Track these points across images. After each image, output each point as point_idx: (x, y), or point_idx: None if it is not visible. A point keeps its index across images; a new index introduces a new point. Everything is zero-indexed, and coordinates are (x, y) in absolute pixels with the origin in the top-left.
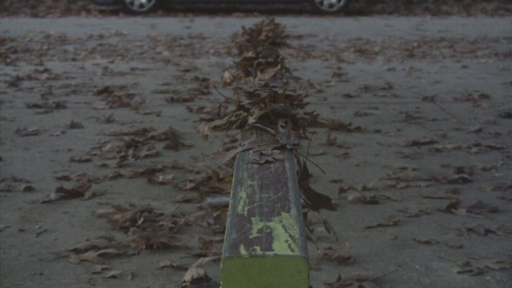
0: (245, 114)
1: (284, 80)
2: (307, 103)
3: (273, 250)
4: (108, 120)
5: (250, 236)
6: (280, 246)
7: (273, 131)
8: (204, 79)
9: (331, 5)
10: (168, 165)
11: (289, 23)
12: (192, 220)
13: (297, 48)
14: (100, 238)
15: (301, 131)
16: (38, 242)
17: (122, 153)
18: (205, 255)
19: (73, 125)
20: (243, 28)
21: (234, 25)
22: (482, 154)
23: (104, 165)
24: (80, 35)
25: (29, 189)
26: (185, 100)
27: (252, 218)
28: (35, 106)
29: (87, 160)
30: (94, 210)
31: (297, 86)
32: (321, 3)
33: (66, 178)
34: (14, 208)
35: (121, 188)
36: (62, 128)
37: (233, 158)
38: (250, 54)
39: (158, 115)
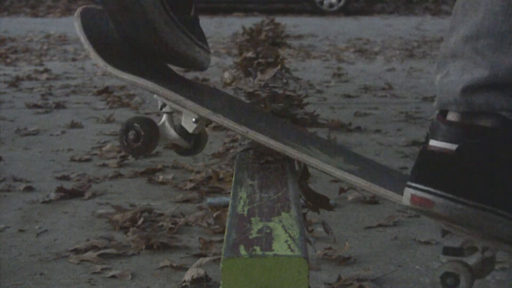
0: None
1: (284, 81)
2: (307, 104)
3: (273, 250)
4: (108, 120)
5: (250, 237)
6: (280, 246)
7: None
8: (204, 79)
9: (331, 5)
10: (168, 165)
11: (289, 23)
12: (192, 220)
13: (297, 48)
14: (100, 238)
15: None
16: (38, 242)
17: (122, 153)
18: (205, 255)
19: (73, 125)
20: (243, 28)
21: (234, 25)
22: None
23: (104, 165)
24: None
25: (29, 189)
26: None
27: (252, 218)
28: (35, 106)
29: (87, 160)
30: (94, 210)
31: (297, 87)
32: (321, 3)
33: (66, 178)
34: (14, 208)
35: (121, 188)
36: (62, 128)
37: (233, 158)
38: (250, 54)
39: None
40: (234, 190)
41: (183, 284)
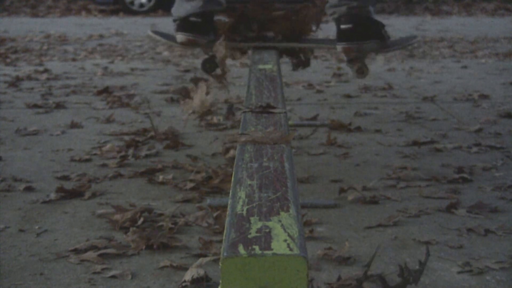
0: None
1: None
2: None
3: (272, 249)
4: (108, 120)
5: (249, 236)
6: (279, 246)
7: None
8: (204, 79)
9: None
10: (168, 165)
11: None
12: (192, 220)
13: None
14: (100, 238)
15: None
16: (38, 242)
17: (122, 153)
18: (205, 255)
19: (73, 125)
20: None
21: None
22: (482, 154)
23: (104, 165)
24: (80, 35)
25: (29, 189)
26: None
27: (251, 218)
28: (35, 106)
29: (87, 160)
30: (94, 210)
31: None
32: None
33: (66, 178)
34: (14, 208)
35: (121, 188)
36: (62, 128)
37: (233, 158)
38: None
39: (158, 115)
40: (233, 189)
41: (183, 284)
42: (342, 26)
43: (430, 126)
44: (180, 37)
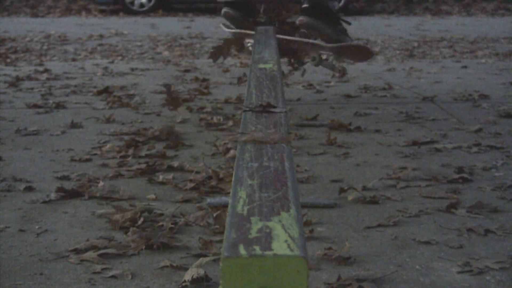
0: None
1: None
2: None
3: (272, 250)
4: (108, 120)
5: (249, 236)
6: (280, 246)
7: None
8: (204, 79)
9: None
10: (168, 165)
11: None
12: (192, 220)
13: None
14: (100, 238)
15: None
16: (38, 242)
17: (122, 153)
18: (205, 255)
19: (73, 125)
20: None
21: None
22: (482, 154)
23: (104, 165)
24: (80, 35)
25: (29, 189)
26: (185, 100)
27: (252, 218)
28: (35, 106)
29: (87, 160)
30: (94, 210)
31: None
32: None
33: (66, 178)
34: (14, 208)
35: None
36: (62, 128)
37: (233, 158)
38: None
39: (158, 115)
40: (233, 189)
41: (183, 284)
42: (303, 6)
43: (430, 126)
44: (224, 10)
